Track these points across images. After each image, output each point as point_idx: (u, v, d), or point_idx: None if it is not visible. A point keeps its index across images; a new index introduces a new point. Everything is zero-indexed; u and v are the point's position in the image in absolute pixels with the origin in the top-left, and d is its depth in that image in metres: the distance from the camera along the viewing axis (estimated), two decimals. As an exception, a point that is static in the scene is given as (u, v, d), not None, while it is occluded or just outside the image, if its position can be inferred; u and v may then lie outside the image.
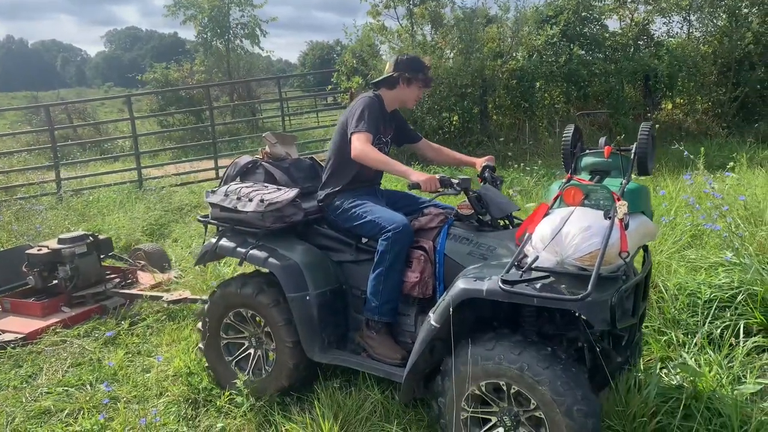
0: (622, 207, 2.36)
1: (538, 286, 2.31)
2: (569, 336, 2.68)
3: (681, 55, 12.57)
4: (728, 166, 6.67)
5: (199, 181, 10.80)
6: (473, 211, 2.98)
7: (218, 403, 3.33)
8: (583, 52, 12.95)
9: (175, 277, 5.50)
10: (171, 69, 21.20)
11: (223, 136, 15.39)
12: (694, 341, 3.41)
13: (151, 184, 10.25)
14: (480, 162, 3.36)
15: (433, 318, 2.59)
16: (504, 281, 2.31)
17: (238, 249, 3.28)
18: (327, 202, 3.33)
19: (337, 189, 3.30)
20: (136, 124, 11.56)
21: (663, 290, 3.88)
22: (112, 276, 5.30)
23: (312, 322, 3.08)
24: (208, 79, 21.06)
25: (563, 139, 2.76)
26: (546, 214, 2.51)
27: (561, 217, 2.41)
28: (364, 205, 3.19)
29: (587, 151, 2.75)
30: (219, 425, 3.17)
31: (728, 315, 3.57)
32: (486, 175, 3.25)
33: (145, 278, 5.43)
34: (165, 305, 4.70)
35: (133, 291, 5.05)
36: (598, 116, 12.26)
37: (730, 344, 3.33)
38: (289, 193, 3.19)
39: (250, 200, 3.17)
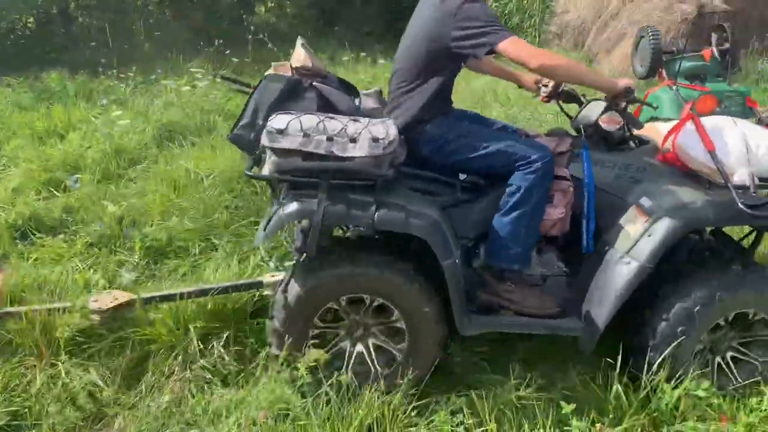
0: None
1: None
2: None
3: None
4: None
5: None
6: (620, 125, 2.57)
7: None
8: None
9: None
10: None
11: None
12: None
13: None
14: (532, 80, 2.88)
15: (643, 259, 2.31)
16: (747, 205, 2.19)
17: (354, 211, 2.30)
18: (416, 133, 2.53)
19: (430, 115, 2.52)
20: None
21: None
22: None
23: (461, 290, 2.44)
24: None
25: (653, 43, 2.82)
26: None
27: (740, 130, 2.37)
28: (474, 132, 2.54)
29: (684, 54, 2.76)
30: None
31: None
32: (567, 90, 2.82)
33: None
34: (96, 321, 2.75)
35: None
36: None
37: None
38: (391, 127, 2.31)
39: (354, 140, 2.21)
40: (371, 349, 2.56)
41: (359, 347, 2.56)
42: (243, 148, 2.46)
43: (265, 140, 2.20)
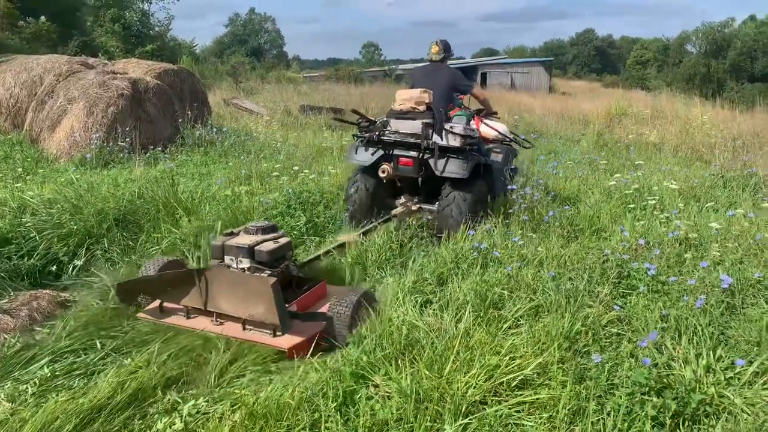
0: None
1: None
2: None
3: None
4: None
5: None
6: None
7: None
8: None
9: None
10: None
11: None
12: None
13: None
14: None
15: (507, 166, 6.15)
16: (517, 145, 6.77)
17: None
18: None
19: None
20: None
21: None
22: None
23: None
24: None
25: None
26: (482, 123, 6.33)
27: (497, 123, 6.49)
28: None
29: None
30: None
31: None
32: None
33: None
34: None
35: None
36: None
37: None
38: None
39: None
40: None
41: None
42: (439, 133, 5.27)
43: (462, 132, 5.19)
